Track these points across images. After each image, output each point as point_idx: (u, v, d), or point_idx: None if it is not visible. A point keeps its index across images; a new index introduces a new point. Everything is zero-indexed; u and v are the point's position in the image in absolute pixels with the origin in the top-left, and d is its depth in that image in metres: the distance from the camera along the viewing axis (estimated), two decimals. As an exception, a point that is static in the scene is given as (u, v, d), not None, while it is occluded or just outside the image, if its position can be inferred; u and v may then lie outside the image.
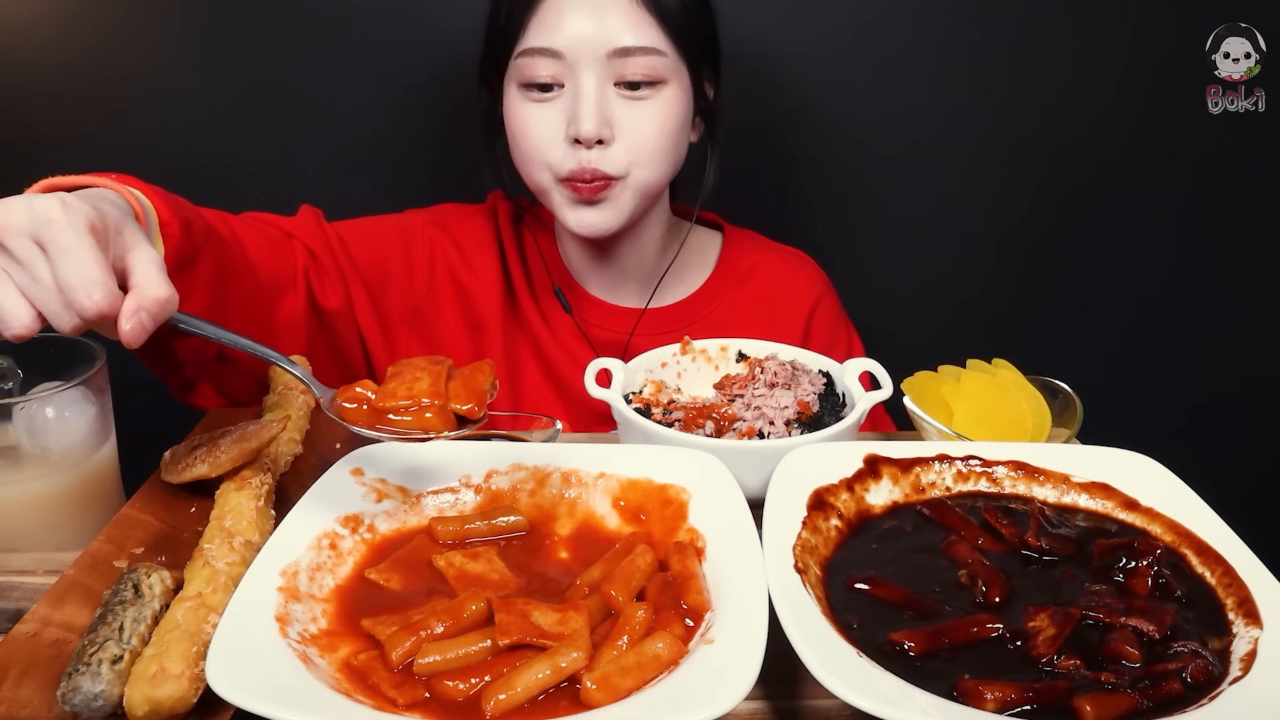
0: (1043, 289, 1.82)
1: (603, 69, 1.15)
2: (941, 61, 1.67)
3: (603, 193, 1.19)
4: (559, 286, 1.34)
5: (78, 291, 0.70)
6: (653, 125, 1.18)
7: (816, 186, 1.76)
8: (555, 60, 1.16)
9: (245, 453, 0.87)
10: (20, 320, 0.71)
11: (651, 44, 1.15)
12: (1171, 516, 0.82)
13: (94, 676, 0.64)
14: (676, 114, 1.20)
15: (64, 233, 0.70)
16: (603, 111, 1.15)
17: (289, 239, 1.21)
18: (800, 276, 1.41)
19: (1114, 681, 0.65)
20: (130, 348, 0.74)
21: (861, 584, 0.75)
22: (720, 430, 0.99)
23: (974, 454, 0.89)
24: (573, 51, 1.15)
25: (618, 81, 1.16)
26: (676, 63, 1.18)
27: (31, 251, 0.71)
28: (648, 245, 1.34)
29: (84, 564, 0.80)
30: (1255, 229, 1.79)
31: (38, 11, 1.59)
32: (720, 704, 0.59)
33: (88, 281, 0.70)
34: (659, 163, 1.21)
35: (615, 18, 1.14)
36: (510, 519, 0.83)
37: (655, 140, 1.19)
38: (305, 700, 0.61)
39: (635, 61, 1.15)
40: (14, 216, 0.71)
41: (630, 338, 1.34)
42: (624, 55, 1.14)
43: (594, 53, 1.14)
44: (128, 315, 0.72)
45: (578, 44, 1.14)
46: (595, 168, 1.17)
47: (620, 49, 1.14)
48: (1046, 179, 1.75)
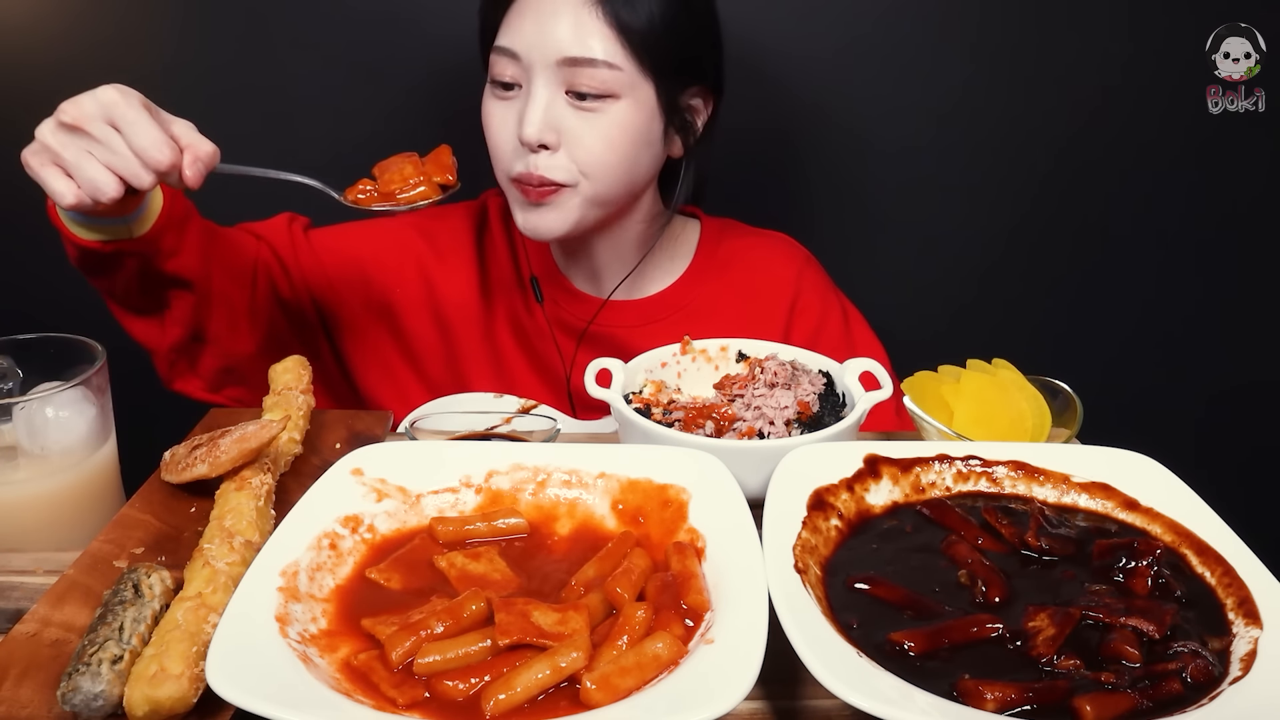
0: (1043, 289, 1.82)
1: (553, 76, 1.15)
2: (941, 61, 1.67)
3: (549, 197, 1.20)
4: (537, 277, 1.36)
5: (151, 151, 0.92)
6: (598, 138, 1.17)
7: (816, 186, 1.76)
8: (514, 62, 1.17)
9: (245, 453, 0.87)
10: (111, 187, 0.92)
11: (604, 57, 1.14)
12: (1171, 516, 0.82)
13: (94, 676, 0.64)
14: (626, 129, 1.18)
15: (129, 110, 0.92)
16: (549, 118, 1.16)
17: (256, 240, 1.28)
18: (779, 257, 1.42)
19: (1114, 681, 0.65)
20: (193, 189, 0.96)
21: (861, 584, 0.75)
22: (720, 430, 0.99)
23: (974, 454, 0.89)
24: (528, 55, 1.16)
25: (569, 90, 1.16)
26: (635, 78, 1.16)
27: (107, 130, 0.92)
28: (626, 246, 1.35)
29: (84, 564, 0.80)
30: (1255, 229, 1.79)
31: (38, 11, 1.59)
32: (720, 704, 0.59)
33: (157, 142, 0.92)
34: (608, 176, 1.20)
35: (570, 27, 1.14)
36: (511, 521, 0.83)
37: (601, 154, 1.18)
38: (305, 700, 0.61)
39: (585, 73, 1.14)
40: (88, 107, 0.92)
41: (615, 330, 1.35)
42: (574, 65, 1.14)
43: (546, 59, 1.15)
44: (189, 164, 0.95)
45: (532, 48, 1.15)
46: (541, 174, 1.17)
47: (570, 59, 1.14)
48: (1046, 179, 1.75)
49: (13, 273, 1.69)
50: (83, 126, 0.91)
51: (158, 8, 1.60)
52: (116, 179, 0.92)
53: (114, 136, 0.92)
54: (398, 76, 1.63)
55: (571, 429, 1.23)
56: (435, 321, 1.37)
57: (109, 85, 0.93)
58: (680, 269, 1.39)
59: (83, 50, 1.60)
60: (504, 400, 1.27)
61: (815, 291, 1.40)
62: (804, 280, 1.40)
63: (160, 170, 0.93)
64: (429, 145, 1.33)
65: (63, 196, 0.93)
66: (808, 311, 1.38)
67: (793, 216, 1.73)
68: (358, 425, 1.07)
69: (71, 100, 0.93)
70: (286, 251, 1.31)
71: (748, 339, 1.15)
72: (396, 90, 1.63)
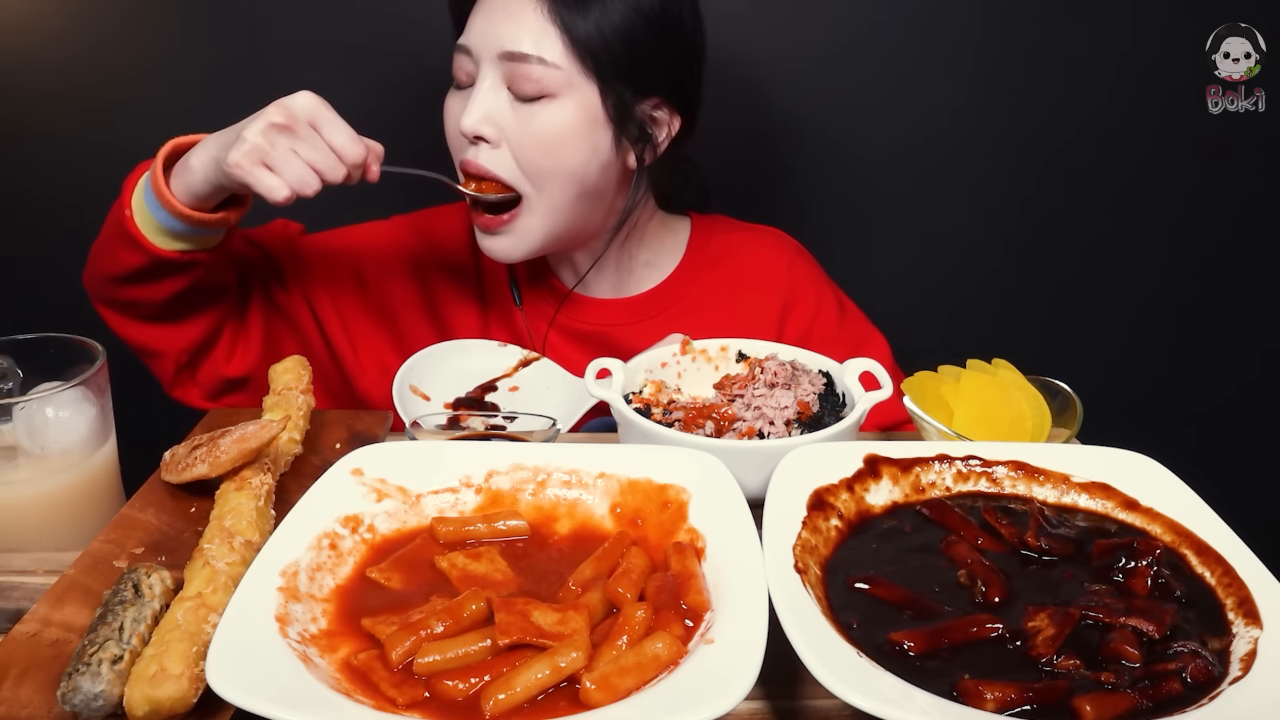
0: (1042, 289, 1.83)
1: (497, 69, 1.17)
2: (941, 62, 1.67)
3: (503, 226, 1.22)
4: (536, 281, 1.37)
5: (348, 148, 1.05)
6: (534, 137, 1.17)
7: (815, 189, 1.76)
8: (469, 57, 1.19)
9: (245, 453, 0.87)
10: (315, 181, 1.04)
11: (540, 54, 1.15)
12: (1171, 516, 0.82)
13: (94, 676, 0.64)
14: (563, 130, 1.17)
15: (327, 112, 1.05)
16: (487, 111, 1.17)
17: (251, 245, 1.30)
18: (770, 250, 1.42)
19: (1114, 681, 0.65)
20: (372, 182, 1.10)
21: (861, 584, 0.75)
22: (720, 430, 0.99)
23: (974, 454, 0.89)
24: (476, 49, 1.18)
25: (512, 85, 1.17)
26: (575, 78, 1.16)
27: (311, 130, 1.04)
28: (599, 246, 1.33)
29: (84, 564, 0.80)
30: (1255, 229, 1.79)
31: (38, 11, 1.59)
32: (720, 704, 0.59)
33: (351, 141, 1.05)
34: (552, 183, 1.20)
35: (513, 23, 1.15)
36: (512, 523, 0.83)
37: (538, 156, 1.18)
38: (305, 700, 0.61)
39: (523, 68, 1.15)
40: (297, 109, 1.03)
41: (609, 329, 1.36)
42: (513, 60, 1.16)
43: (489, 52, 1.17)
44: (374, 160, 1.09)
45: (480, 42, 1.17)
46: (481, 164, 1.19)
47: (509, 53, 1.15)
48: (1046, 179, 1.75)
49: (13, 273, 1.69)
50: (292, 126, 1.02)
51: (158, 8, 1.60)
52: (315, 175, 1.03)
53: (315, 136, 1.04)
54: (398, 76, 1.63)
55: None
56: (432, 321, 1.37)
57: (303, 91, 1.04)
58: (671, 266, 1.39)
59: (83, 50, 1.60)
60: (507, 349, 1.27)
61: (808, 283, 1.40)
62: (796, 272, 1.40)
63: (355, 165, 1.05)
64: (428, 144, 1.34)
65: (276, 191, 1.02)
66: (801, 303, 1.38)
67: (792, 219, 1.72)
68: (358, 425, 1.07)
69: (277, 104, 1.03)
70: (283, 256, 1.32)
71: (747, 339, 1.15)
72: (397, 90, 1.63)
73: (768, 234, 1.44)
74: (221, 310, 1.23)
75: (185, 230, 1.09)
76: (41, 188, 1.65)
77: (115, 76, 1.61)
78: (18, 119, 1.62)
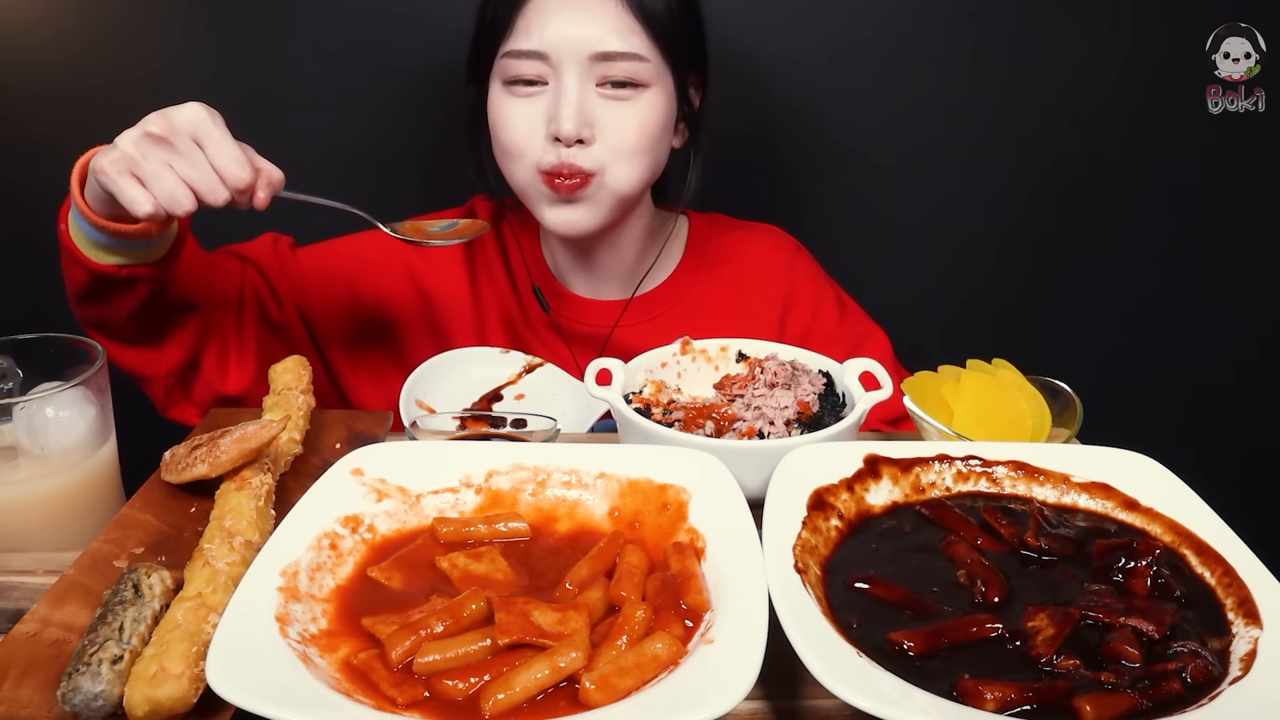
0: (1042, 289, 1.82)
1: (585, 70, 1.17)
2: (941, 62, 1.67)
3: (579, 191, 1.20)
4: (539, 285, 1.36)
5: (232, 169, 0.94)
6: (633, 126, 1.19)
7: (816, 190, 1.76)
8: (539, 61, 1.17)
9: (245, 453, 0.87)
10: (188, 200, 0.94)
11: (635, 49, 1.16)
12: (1171, 516, 0.82)
13: (94, 676, 0.64)
14: (657, 117, 1.21)
15: (214, 129, 0.95)
16: (583, 112, 1.17)
17: (242, 262, 1.27)
18: (769, 248, 1.42)
19: (1114, 681, 0.65)
20: (260, 210, 0.99)
21: (861, 584, 0.75)
22: (720, 430, 0.99)
23: (974, 454, 0.89)
24: (556, 53, 1.16)
25: (600, 82, 1.17)
26: (660, 68, 1.19)
27: (191, 145, 0.94)
28: (627, 247, 1.35)
29: (84, 564, 0.80)
30: (1255, 228, 1.79)
31: (38, 11, 1.59)
32: (720, 704, 0.59)
33: (238, 161, 0.95)
34: (635, 163, 1.21)
35: (599, 22, 1.15)
36: (513, 524, 0.83)
37: (635, 140, 1.20)
38: (305, 700, 0.61)
39: (618, 65, 1.16)
40: (176, 120, 0.94)
41: (611, 331, 1.36)
42: (606, 59, 1.16)
43: (577, 55, 1.16)
44: (263, 186, 0.98)
45: (561, 46, 1.16)
46: (574, 163, 1.18)
47: (603, 53, 1.16)
48: (1046, 179, 1.75)
49: (13, 273, 1.69)
50: (169, 139, 0.93)
51: (158, 7, 1.60)
52: (191, 193, 0.94)
53: (197, 152, 0.94)
54: (397, 75, 1.63)
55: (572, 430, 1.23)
56: (429, 330, 1.36)
57: (194, 103, 0.95)
58: (671, 266, 1.39)
59: (83, 50, 1.60)
60: (510, 356, 1.26)
61: (808, 280, 1.40)
62: (795, 269, 1.40)
63: (237, 189, 0.95)
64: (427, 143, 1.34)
65: (140, 205, 0.93)
66: (801, 300, 1.38)
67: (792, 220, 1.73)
68: (358, 425, 1.07)
69: (159, 113, 0.95)
70: (274, 272, 1.30)
71: (747, 339, 1.15)
72: (396, 89, 1.63)
73: (766, 231, 1.45)
74: (198, 330, 1.18)
75: (111, 243, 1.02)
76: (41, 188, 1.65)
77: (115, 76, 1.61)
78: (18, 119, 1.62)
